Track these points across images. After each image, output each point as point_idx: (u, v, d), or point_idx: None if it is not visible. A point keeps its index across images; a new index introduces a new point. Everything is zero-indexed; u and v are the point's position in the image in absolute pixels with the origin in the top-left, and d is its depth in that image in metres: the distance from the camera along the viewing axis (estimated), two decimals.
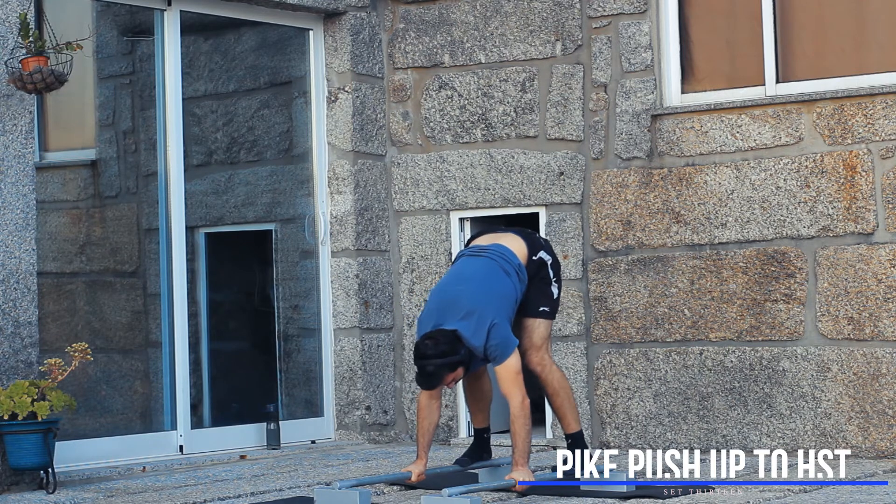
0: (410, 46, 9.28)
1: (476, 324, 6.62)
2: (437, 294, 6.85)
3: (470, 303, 6.66)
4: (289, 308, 9.31)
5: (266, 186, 9.33)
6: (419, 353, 6.60)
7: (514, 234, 7.04)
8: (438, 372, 6.60)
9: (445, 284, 6.87)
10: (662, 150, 8.51)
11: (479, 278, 6.77)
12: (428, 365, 6.58)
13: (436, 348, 6.56)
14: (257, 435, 8.78)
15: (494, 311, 6.67)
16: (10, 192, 7.36)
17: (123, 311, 8.71)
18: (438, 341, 6.58)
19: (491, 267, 6.82)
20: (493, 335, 6.63)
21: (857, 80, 8.07)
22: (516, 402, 6.66)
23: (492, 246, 6.92)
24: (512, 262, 6.85)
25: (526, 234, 7.08)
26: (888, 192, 7.86)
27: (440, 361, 6.56)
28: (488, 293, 6.71)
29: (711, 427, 8.31)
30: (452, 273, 6.93)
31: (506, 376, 6.68)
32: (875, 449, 7.84)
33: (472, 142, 9.09)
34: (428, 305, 6.85)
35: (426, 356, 6.58)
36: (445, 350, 6.56)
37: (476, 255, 6.90)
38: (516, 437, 6.68)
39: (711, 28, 8.60)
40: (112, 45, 8.76)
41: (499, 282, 6.78)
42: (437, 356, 6.56)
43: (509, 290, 6.79)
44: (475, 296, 6.69)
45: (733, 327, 8.25)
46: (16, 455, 7.01)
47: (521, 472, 6.70)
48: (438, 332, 6.63)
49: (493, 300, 6.70)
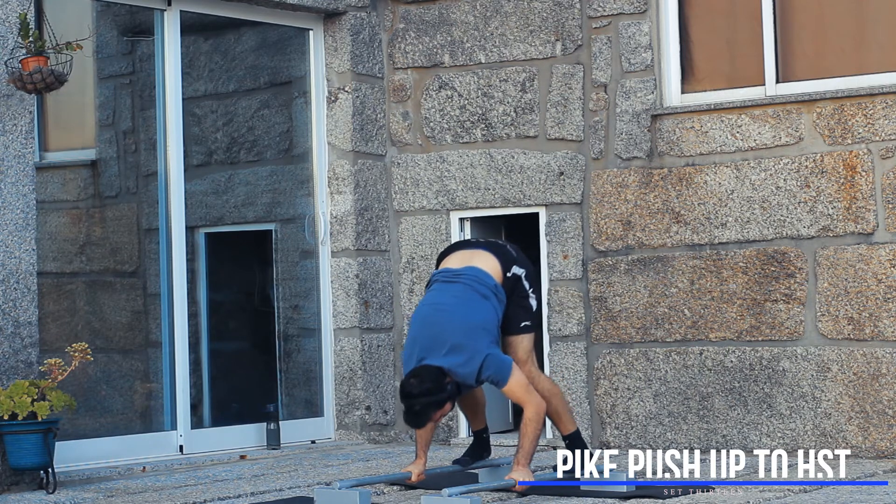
0: (410, 46, 9.28)
1: (466, 358, 6.56)
2: (417, 325, 6.74)
3: (455, 336, 6.59)
4: (289, 308, 9.31)
5: (266, 186, 9.33)
6: (405, 393, 6.54)
7: (485, 251, 6.90)
8: (425, 411, 6.55)
9: (426, 315, 6.74)
10: (662, 150, 8.51)
11: (460, 308, 6.66)
12: (415, 404, 6.52)
13: (421, 386, 6.50)
14: (257, 435, 8.78)
15: (482, 342, 6.61)
16: (10, 192, 7.36)
17: (123, 311, 8.71)
18: (423, 379, 6.51)
19: (468, 294, 6.71)
20: (487, 367, 6.60)
21: (857, 80, 8.07)
22: (532, 409, 6.68)
23: (465, 270, 6.79)
24: (488, 284, 6.75)
25: (497, 249, 6.95)
26: (888, 192, 7.86)
27: (426, 400, 6.51)
28: (471, 324, 6.62)
29: (711, 427, 8.31)
30: (430, 302, 6.79)
31: (515, 392, 6.69)
32: (875, 449, 7.84)
33: (472, 142, 9.10)
34: (410, 335, 6.76)
35: (412, 395, 6.51)
36: (431, 388, 6.50)
37: (451, 282, 6.78)
38: (524, 439, 6.68)
39: (711, 28, 8.60)
40: (112, 45, 8.76)
41: (479, 309, 6.68)
42: (423, 395, 6.50)
43: (490, 315, 6.71)
44: (459, 329, 6.60)
45: (733, 327, 8.25)
46: (16, 455, 7.01)
47: (521, 472, 6.70)
48: (423, 370, 6.56)
49: (478, 331, 6.62)
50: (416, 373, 6.56)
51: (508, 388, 6.66)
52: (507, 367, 6.65)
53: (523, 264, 6.96)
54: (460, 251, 7.00)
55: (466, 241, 7.25)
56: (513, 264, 6.89)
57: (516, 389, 6.67)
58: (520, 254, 7.02)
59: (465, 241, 7.25)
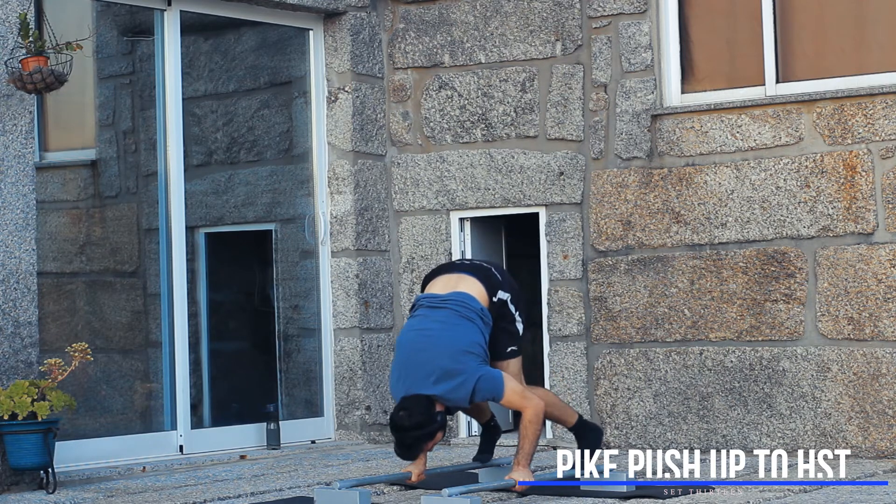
0: (410, 46, 9.28)
1: (457, 383, 6.53)
2: (404, 351, 6.68)
3: (443, 362, 6.54)
4: (289, 308, 9.31)
5: (266, 186, 9.33)
6: (395, 426, 6.50)
7: (470, 275, 6.82)
8: (416, 443, 6.53)
9: (412, 341, 6.68)
10: (662, 150, 8.51)
11: (446, 333, 6.61)
12: (405, 438, 6.50)
13: (410, 419, 6.46)
14: (257, 435, 8.78)
15: (471, 365, 6.57)
16: (10, 192, 7.36)
17: (123, 311, 8.71)
18: (413, 412, 6.47)
19: (454, 319, 6.66)
20: (480, 389, 6.58)
21: (857, 80, 8.07)
22: (531, 411, 6.67)
23: (451, 295, 6.73)
24: (474, 308, 6.69)
25: (482, 273, 6.86)
26: (888, 192, 7.86)
27: (417, 433, 6.48)
28: (459, 348, 6.58)
29: (711, 427, 8.31)
30: (416, 328, 6.73)
31: (513, 401, 6.68)
32: (875, 449, 7.85)
33: (472, 142, 9.10)
34: (397, 361, 6.70)
35: (403, 428, 6.48)
36: (421, 421, 6.47)
37: (436, 308, 6.72)
38: (524, 440, 6.68)
39: (711, 28, 8.60)
40: (112, 45, 8.76)
41: (466, 332, 6.63)
42: (414, 428, 6.47)
43: (477, 337, 6.66)
44: (447, 354, 6.56)
45: (733, 327, 8.25)
46: (16, 455, 7.01)
47: (520, 473, 6.70)
48: (412, 401, 6.51)
49: (466, 354, 6.58)
50: (405, 405, 6.51)
51: (506, 399, 6.67)
52: (500, 382, 6.63)
53: (509, 288, 6.87)
54: (445, 275, 6.89)
55: (451, 264, 7.13)
56: (498, 289, 6.82)
57: (513, 398, 6.67)
58: (505, 276, 6.94)
59: (450, 264, 7.14)
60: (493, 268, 6.95)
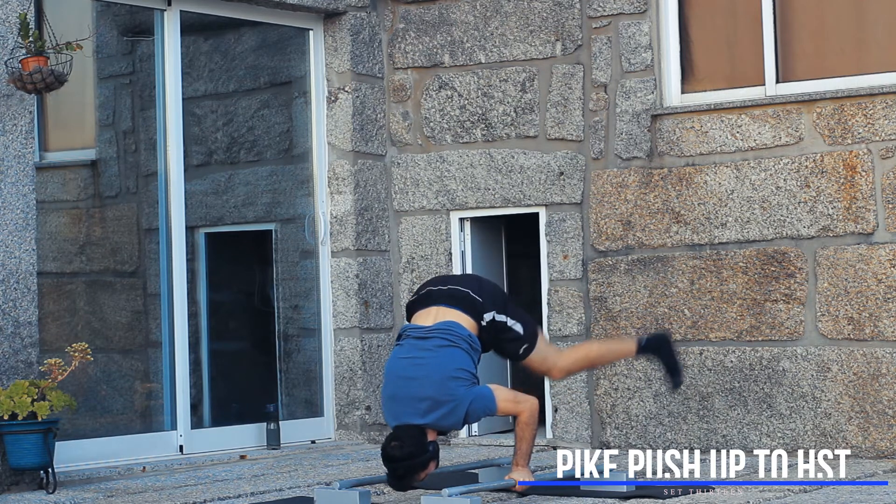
0: (410, 46, 9.28)
1: (448, 410, 6.52)
2: (393, 381, 6.66)
3: (432, 392, 6.52)
4: (289, 308, 9.31)
5: (266, 186, 9.33)
6: (387, 457, 6.47)
7: (453, 308, 6.75)
8: (409, 474, 6.48)
9: (401, 370, 6.64)
10: (662, 150, 8.51)
11: (434, 361, 6.58)
12: (398, 468, 6.45)
13: (402, 450, 6.42)
14: (257, 435, 8.78)
15: (460, 391, 6.56)
16: (10, 192, 7.36)
17: (123, 311, 8.71)
18: (404, 443, 6.44)
19: (440, 346, 6.64)
20: (472, 413, 6.59)
21: (857, 80, 8.07)
22: (525, 413, 6.67)
23: (437, 325, 6.70)
24: (461, 335, 6.67)
25: (464, 303, 6.77)
26: (888, 192, 7.86)
27: (409, 464, 6.43)
28: (447, 375, 6.56)
29: (711, 427, 8.31)
30: (404, 356, 6.69)
31: (507, 409, 6.70)
32: (875, 449, 7.84)
33: (472, 142, 9.10)
34: (387, 392, 6.66)
35: (395, 459, 6.44)
36: (413, 452, 6.43)
37: (423, 338, 6.69)
38: (521, 441, 6.68)
39: (711, 28, 8.60)
40: (112, 45, 8.76)
41: (452, 357, 6.61)
42: (406, 458, 6.43)
43: (464, 362, 6.63)
44: (436, 383, 6.53)
45: (733, 327, 8.25)
46: (16, 455, 7.01)
47: (520, 473, 6.70)
48: (404, 432, 6.49)
49: (454, 381, 6.56)
50: (397, 435, 6.49)
51: (500, 411, 6.68)
52: (490, 399, 6.63)
53: (491, 304, 6.81)
54: (430, 308, 6.82)
55: (431, 295, 6.91)
56: (482, 312, 6.76)
57: (507, 407, 6.68)
58: (486, 291, 6.85)
59: (431, 294, 6.91)
60: (472, 290, 6.83)
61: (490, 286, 6.95)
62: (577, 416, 8.67)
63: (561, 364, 7.03)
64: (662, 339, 7.27)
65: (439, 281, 7.00)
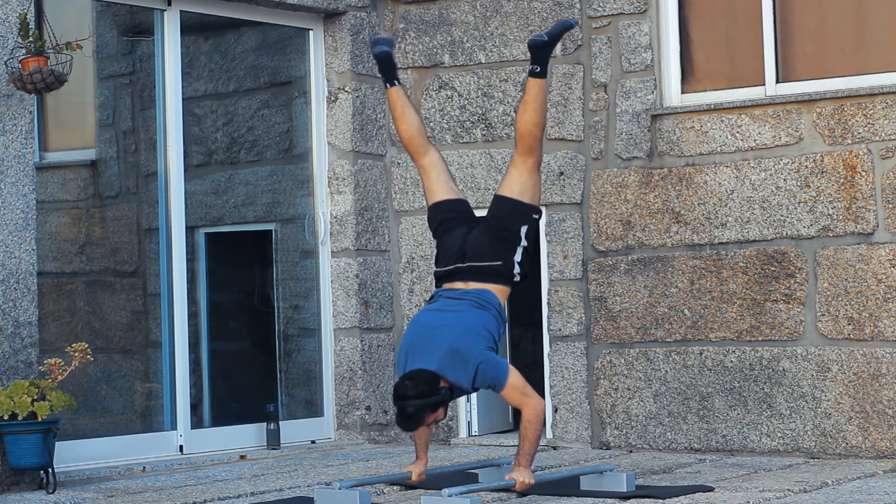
0: (410, 46, 9.28)
1: (461, 363, 6.53)
2: (415, 329, 6.72)
3: (451, 340, 6.56)
4: (289, 308, 9.31)
5: (266, 186, 9.34)
6: (398, 395, 6.47)
7: (483, 283, 6.81)
8: (419, 413, 6.46)
9: (424, 320, 6.72)
10: (662, 150, 8.51)
11: (459, 315, 6.64)
12: (408, 406, 6.43)
13: (415, 389, 6.43)
14: (257, 435, 8.78)
15: (478, 347, 6.58)
16: (10, 192, 7.36)
17: (123, 311, 8.71)
18: (418, 382, 6.45)
19: (471, 305, 6.70)
20: (481, 374, 6.57)
21: (857, 80, 8.08)
22: (529, 410, 6.62)
23: (471, 290, 6.76)
24: (491, 302, 6.73)
25: (493, 276, 6.81)
26: (888, 192, 7.86)
27: (420, 403, 6.43)
28: (469, 327, 6.60)
29: (711, 427, 8.31)
30: (431, 309, 6.78)
31: (512, 395, 6.65)
32: (875, 449, 7.85)
33: (472, 142, 9.10)
34: (406, 338, 6.72)
35: (406, 397, 6.44)
36: (425, 391, 6.43)
37: (454, 299, 6.75)
38: (524, 441, 6.64)
39: (711, 28, 8.60)
40: (112, 45, 8.76)
41: (478, 315, 6.66)
42: (417, 397, 6.42)
43: (490, 321, 6.68)
44: (456, 332, 6.57)
45: (733, 327, 8.25)
46: (16, 455, 7.01)
47: (521, 473, 6.68)
48: (417, 373, 6.50)
49: (474, 335, 6.59)
50: (410, 375, 6.50)
51: (505, 392, 6.63)
52: (503, 373, 6.60)
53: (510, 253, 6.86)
54: (462, 277, 6.84)
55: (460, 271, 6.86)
56: (512, 271, 6.83)
57: (512, 393, 6.63)
58: (499, 248, 6.86)
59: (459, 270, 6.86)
60: (490, 258, 6.84)
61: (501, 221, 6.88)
62: (577, 416, 8.67)
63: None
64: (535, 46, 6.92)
65: (457, 243, 6.87)
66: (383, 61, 7.12)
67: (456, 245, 6.85)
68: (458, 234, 6.89)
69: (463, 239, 6.86)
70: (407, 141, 7.14)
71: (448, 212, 6.95)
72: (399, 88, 7.10)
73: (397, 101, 7.10)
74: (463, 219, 6.94)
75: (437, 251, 6.97)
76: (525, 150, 6.88)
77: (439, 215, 6.97)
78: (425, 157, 7.10)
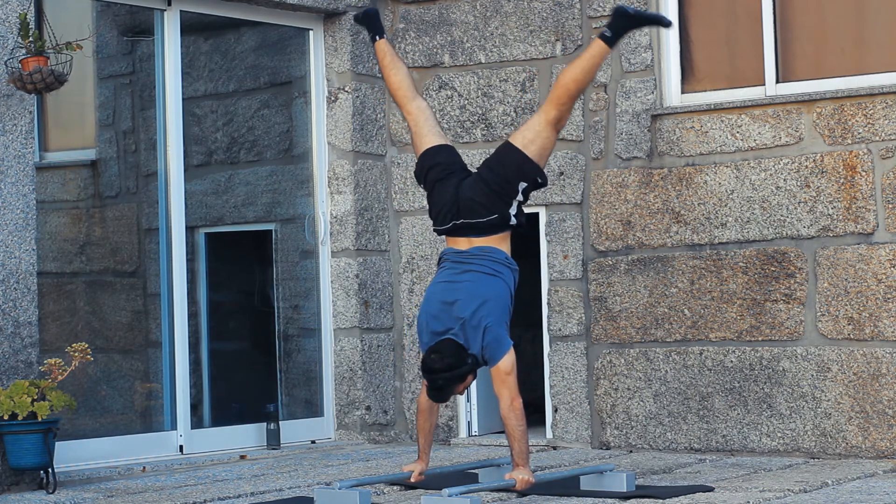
0: (410, 46, 9.28)
1: (473, 331, 6.60)
2: (432, 300, 6.75)
3: (465, 309, 6.61)
4: (289, 308, 9.31)
5: (266, 186, 9.34)
6: (427, 368, 6.57)
7: (483, 237, 6.78)
8: (448, 385, 6.59)
9: (439, 292, 6.74)
10: (662, 150, 8.51)
11: (471, 284, 6.67)
12: (438, 379, 6.56)
13: (442, 362, 6.54)
14: (257, 435, 8.78)
15: (488, 315, 6.62)
16: (10, 192, 7.36)
17: (123, 311, 8.71)
18: (444, 354, 6.55)
19: (479, 272, 6.71)
20: (487, 336, 6.60)
21: (857, 80, 8.08)
22: (505, 402, 6.60)
23: (474, 250, 6.76)
24: (498, 259, 6.76)
25: (490, 229, 6.77)
26: (888, 192, 7.86)
27: (449, 375, 6.55)
28: (483, 299, 6.63)
29: (711, 427, 8.31)
30: (444, 279, 6.78)
31: (497, 377, 6.64)
32: (875, 449, 7.85)
33: (473, 142, 9.10)
34: (423, 310, 6.77)
35: (434, 370, 6.55)
36: (452, 363, 6.54)
37: (462, 262, 6.76)
38: (511, 439, 6.63)
39: (711, 28, 8.61)
40: (112, 45, 8.76)
41: (491, 286, 6.69)
42: (445, 370, 6.54)
43: (502, 291, 6.71)
44: (469, 302, 6.62)
45: (733, 327, 8.25)
46: (16, 455, 7.01)
47: (521, 472, 6.68)
48: (443, 345, 6.59)
49: (486, 305, 6.62)
50: (437, 348, 6.59)
51: (494, 368, 6.63)
52: (504, 346, 6.61)
53: (506, 204, 6.78)
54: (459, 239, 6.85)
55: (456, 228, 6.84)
56: (508, 222, 6.77)
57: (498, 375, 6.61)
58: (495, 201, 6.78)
59: (455, 228, 6.84)
60: (489, 214, 6.76)
61: (498, 168, 6.82)
62: (577, 416, 8.67)
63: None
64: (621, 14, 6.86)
65: (449, 198, 6.81)
66: (371, 16, 7.27)
67: (447, 200, 6.81)
68: (448, 187, 6.85)
69: (454, 192, 6.81)
70: (395, 88, 7.20)
71: (434, 163, 6.91)
72: (385, 41, 7.26)
73: (386, 52, 7.25)
74: (450, 168, 6.91)
75: (428, 206, 6.95)
76: (554, 100, 6.82)
77: (425, 164, 6.94)
78: (413, 102, 7.14)
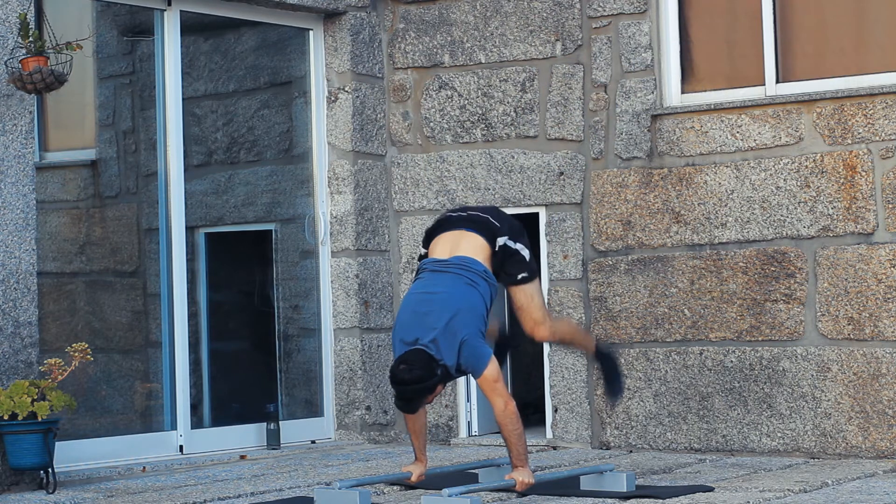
0: (410, 46, 9.28)
1: (447, 343, 6.54)
2: (406, 311, 6.71)
3: (439, 320, 6.57)
4: (289, 308, 9.31)
5: (266, 186, 9.34)
6: (395, 380, 6.50)
7: (472, 231, 6.83)
8: (417, 396, 6.52)
9: (414, 302, 6.71)
10: (662, 150, 8.51)
11: (447, 296, 6.63)
12: (405, 391, 6.50)
13: (411, 373, 6.46)
14: (257, 435, 8.78)
15: (463, 327, 6.57)
16: (10, 192, 7.36)
17: (123, 311, 8.71)
18: (413, 366, 6.48)
19: (456, 283, 6.68)
20: (464, 352, 6.56)
21: (857, 80, 8.08)
22: (499, 408, 6.59)
23: (453, 259, 6.75)
24: (477, 271, 6.72)
25: (481, 225, 6.86)
26: (888, 192, 7.86)
27: (417, 387, 6.48)
28: (458, 309, 6.60)
29: (711, 427, 8.31)
30: (419, 290, 6.75)
31: (485, 387, 6.62)
32: (875, 449, 7.85)
33: (472, 142, 9.10)
34: (398, 321, 6.74)
35: (403, 382, 6.48)
36: (421, 375, 6.47)
37: (440, 272, 6.75)
38: (508, 442, 6.63)
39: (711, 28, 8.61)
40: (112, 45, 8.76)
41: (466, 296, 6.65)
42: (414, 381, 6.47)
43: (476, 302, 6.67)
44: (442, 313, 6.57)
45: (733, 327, 8.25)
46: (16, 455, 7.01)
47: (521, 473, 6.68)
48: (412, 355, 6.52)
49: (460, 316, 6.58)
50: (405, 359, 6.52)
51: (481, 379, 6.62)
52: (484, 357, 6.59)
53: (507, 230, 6.87)
54: (447, 233, 6.87)
55: (450, 219, 7.00)
56: (497, 236, 6.82)
57: (486, 384, 6.60)
58: (503, 219, 6.92)
59: (450, 219, 7.00)
60: (491, 216, 6.92)
61: (508, 217, 7.00)
62: (577, 416, 8.67)
63: (550, 324, 6.98)
64: (610, 357, 7.44)
65: (459, 209, 7.08)
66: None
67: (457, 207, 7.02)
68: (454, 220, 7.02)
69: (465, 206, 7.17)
70: None
71: None
72: None
73: None
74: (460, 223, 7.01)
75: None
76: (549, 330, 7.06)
77: None
78: None
